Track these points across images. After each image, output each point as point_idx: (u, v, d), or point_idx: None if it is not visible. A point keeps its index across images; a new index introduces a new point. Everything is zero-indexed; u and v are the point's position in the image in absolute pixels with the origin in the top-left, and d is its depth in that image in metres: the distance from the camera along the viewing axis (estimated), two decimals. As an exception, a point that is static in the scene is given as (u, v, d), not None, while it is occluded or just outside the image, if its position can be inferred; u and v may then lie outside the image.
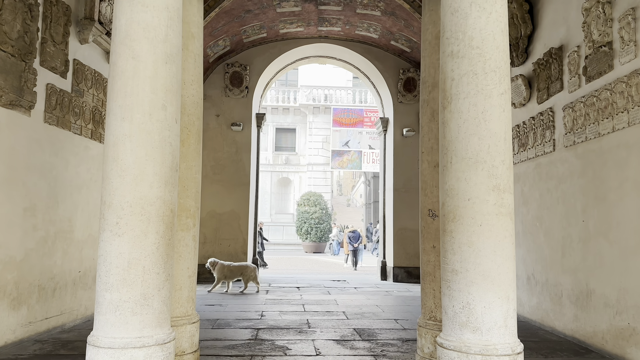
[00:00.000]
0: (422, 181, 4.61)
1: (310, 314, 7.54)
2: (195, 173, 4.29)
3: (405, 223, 12.50)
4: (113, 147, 3.48)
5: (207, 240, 12.17)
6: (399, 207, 12.54)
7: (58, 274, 6.41)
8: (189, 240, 4.21)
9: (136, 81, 3.49)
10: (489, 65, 3.51)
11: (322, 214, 29.13)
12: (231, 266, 9.83)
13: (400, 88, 12.71)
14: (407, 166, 12.64)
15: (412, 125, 12.68)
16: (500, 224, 3.41)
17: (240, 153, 12.44)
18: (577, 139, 6.15)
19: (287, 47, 12.69)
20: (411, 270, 12.37)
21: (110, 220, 3.41)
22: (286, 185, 32.98)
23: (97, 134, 7.36)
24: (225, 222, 12.23)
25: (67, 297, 6.61)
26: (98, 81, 7.41)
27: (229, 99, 12.53)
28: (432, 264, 4.42)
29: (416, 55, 12.33)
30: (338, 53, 13.14)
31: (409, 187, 12.57)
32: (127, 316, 3.32)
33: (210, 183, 12.29)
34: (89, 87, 7.17)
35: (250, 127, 12.53)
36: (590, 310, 5.78)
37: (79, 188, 6.90)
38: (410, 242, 12.44)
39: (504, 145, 3.49)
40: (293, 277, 13.03)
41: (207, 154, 12.31)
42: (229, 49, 12.19)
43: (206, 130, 12.35)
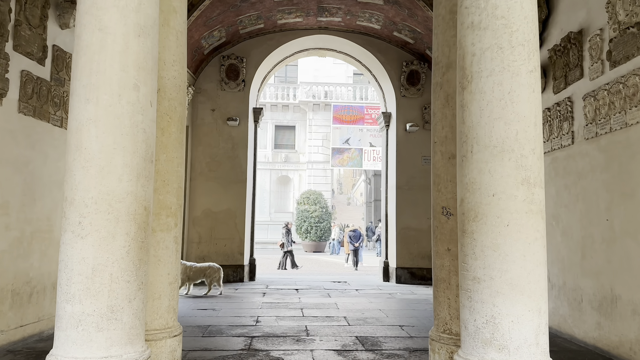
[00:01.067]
0: (434, 175, 4.10)
1: (309, 320, 7.03)
2: (178, 166, 3.78)
3: (409, 222, 11.99)
4: (76, 133, 2.97)
5: (202, 240, 11.67)
6: (402, 206, 12.03)
7: (35, 278, 5.90)
8: (170, 242, 3.70)
9: (103, 56, 2.99)
10: (516, 38, 3.00)
11: (322, 213, 28.61)
12: (194, 267, 9.31)
13: (403, 81, 12.19)
14: (410, 163, 12.13)
15: (416, 120, 12.16)
16: (531, 223, 2.91)
17: (237, 149, 11.93)
18: (600, 130, 5.64)
19: (286, 39, 12.17)
20: (415, 271, 11.87)
21: (72, 220, 2.90)
22: (285, 183, 32.47)
23: (80, 126, 6.84)
24: (221, 221, 11.73)
25: (46, 303, 6.10)
26: (81, 70, 6.89)
27: (224, 93, 12.01)
28: (446, 269, 3.91)
29: (420, 47, 11.81)
30: (338, 45, 12.61)
31: (412, 185, 12.06)
32: (91, 332, 2.82)
33: (205, 180, 11.79)
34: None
35: (247, 122, 12.02)
36: (616, 318, 5.27)
37: (60, 184, 6.38)
38: (414, 241, 11.94)
39: (534, 131, 2.98)
40: (291, 278, 12.53)
41: (202, 150, 11.83)
42: (224, 40, 11.67)
43: (201, 125, 11.87)
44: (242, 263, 11.68)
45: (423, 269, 11.87)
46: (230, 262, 11.64)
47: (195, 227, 11.68)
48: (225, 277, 11.53)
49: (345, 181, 69.35)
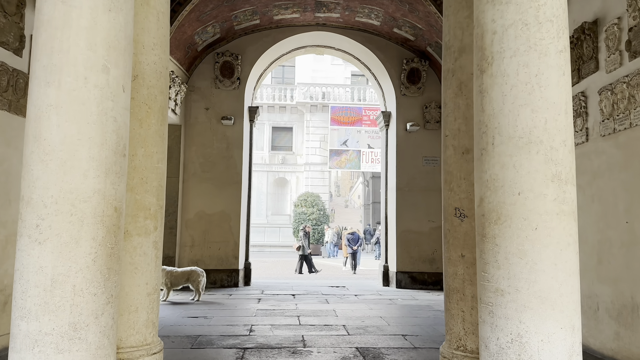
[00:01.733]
0: (445, 172, 3.70)
1: (306, 329, 6.61)
2: (158, 162, 3.36)
3: (409, 225, 11.59)
4: (34, 122, 2.57)
5: (195, 243, 11.24)
6: (402, 208, 11.63)
7: (10, 285, 5.46)
8: (149, 247, 3.28)
9: (67, 33, 2.58)
10: (544, 13, 2.61)
11: (319, 215, 28.20)
12: (175, 272, 8.88)
13: (404, 80, 11.81)
14: (411, 163, 11.74)
15: (417, 119, 11.78)
16: (562, 226, 2.51)
17: (232, 149, 11.51)
18: (618, 126, 5.25)
19: (282, 36, 11.78)
20: (415, 275, 11.46)
21: (29, 222, 2.49)
22: (282, 185, 32.05)
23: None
24: (215, 223, 11.30)
25: (23, 312, 5.67)
26: (63, 63, 6.47)
27: (219, 91, 11.60)
28: (460, 277, 3.50)
29: (421, 44, 11.43)
30: (337, 42, 12.23)
31: (413, 186, 11.67)
32: (50, 355, 2.41)
33: (198, 181, 11.37)
34: (52, 69, 6.24)
35: (242, 121, 11.61)
36: (637, 328, 4.88)
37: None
38: (415, 245, 11.54)
39: (564, 120, 2.58)
40: (288, 283, 12.10)
41: (195, 150, 11.41)
42: (219, 36, 11.27)
43: (194, 124, 11.45)
44: (237, 267, 11.25)
45: (424, 273, 11.47)
46: (224, 266, 11.21)
47: (188, 229, 11.25)
48: (219, 282, 11.12)
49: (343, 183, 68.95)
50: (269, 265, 19.92)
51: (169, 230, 10.96)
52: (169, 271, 8.90)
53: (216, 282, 11.12)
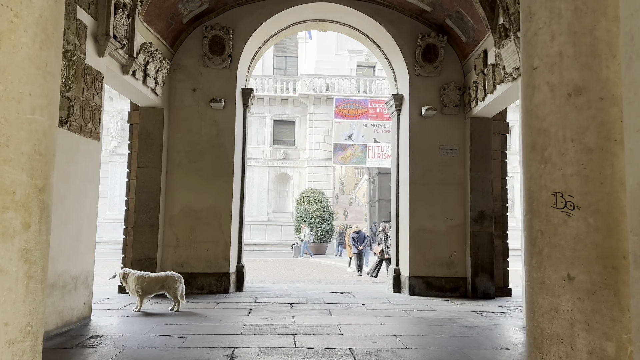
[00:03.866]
0: (533, 132, 2.27)
1: (303, 354, 5.21)
2: (33, 112, 1.92)
3: (424, 223, 10.16)
4: None
5: (179, 243, 9.86)
6: (417, 204, 10.21)
7: None
8: (9, 260, 1.86)
9: None
10: None
11: (323, 213, 26.78)
12: (147, 277, 7.50)
13: (418, 58, 10.36)
14: (426, 153, 10.30)
15: (433, 103, 10.34)
16: None
17: (222, 136, 10.11)
18: None
19: (280, 7, 10.36)
20: (431, 280, 10.04)
21: None
22: (285, 181, 30.64)
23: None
24: (202, 220, 9.92)
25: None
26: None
27: (208, 70, 10.20)
28: (565, 316, 2.04)
29: (439, 16, 9.98)
30: (342, 15, 10.79)
31: (429, 179, 10.24)
32: None
33: (184, 173, 9.99)
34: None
35: (235, 104, 10.20)
36: None
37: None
38: (430, 246, 10.12)
39: None
40: (286, 289, 10.70)
41: (181, 137, 10.03)
42: (207, 7, 9.86)
43: (180, 108, 10.07)
44: (228, 270, 9.86)
45: (441, 278, 10.05)
46: (213, 269, 9.83)
47: (171, 227, 9.87)
48: (207, 288, 9.74)
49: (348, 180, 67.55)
50: (269, 266, 18.53)
51: (150, 228, 9.60)
52: (140, 276, 7.52)
53: (204, 288, 9.74)
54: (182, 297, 7.68)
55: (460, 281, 10.08)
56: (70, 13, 6.24)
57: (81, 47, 6.55)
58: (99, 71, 7.07)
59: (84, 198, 6.85)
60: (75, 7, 6.38)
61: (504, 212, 10.54)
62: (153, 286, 7.54)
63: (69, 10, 6.22)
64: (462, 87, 10.36)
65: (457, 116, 10.39)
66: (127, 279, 7.66)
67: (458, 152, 10.35)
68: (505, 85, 8.25)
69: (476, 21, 9.03)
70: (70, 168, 6.45)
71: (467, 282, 10.03)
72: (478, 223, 10.03)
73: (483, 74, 9.23)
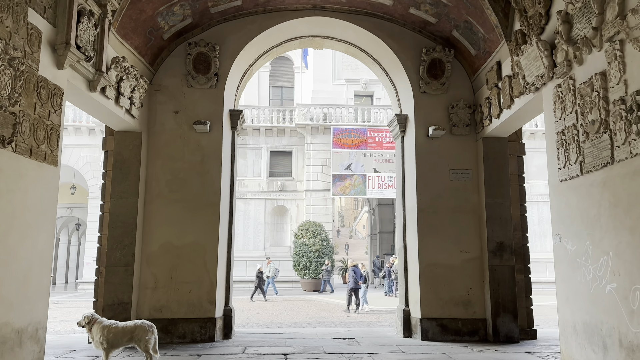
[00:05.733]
0: None
1: None
2: None
3: (436, 256, 9.00)
4: None
5: (158, 284, 8.66)
6: (427, 235, 9.07)
7: None
8: None
9: None
10: None
11: (322, 247, 25.50)
12: (114, 327, 6.27)
13: (423, 74, 9.44)
14: (435, 178, 9.25)
15: (441, 122, 9.36)
16: None
17: (208, 162, 9.07)
18: None
19: (271, 22, 9.52)
20: (446, 323, 8.80)
21: None
22: (282, 214, 29.47)
23: None
24: (185, 257, 8.76)
25: None
26: None
27: (192, 91, 9.25)
28: None
29: (445, 27, 9.12)
30: (339, 31, 9.94)
31: (439, 207, 9.15)
32: None
33: (164, 204, 8.89)
34: None
35: (222, 127, 9.19)
36: None
37: None
38: (444, 282, 8.93)
39: None
40: (281, 335, 9.41)
41: (161, 164, 8.99)
42: (190, 21, 8.99)
43: (160, 132, 9.08)
44: (213, 315, 8.62)
45: (457, 319, 8.82)
46: (197, 314, 8.60)
47: (149, 266, 8.69)
48: (189, 336, 8.50)
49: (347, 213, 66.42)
50: (266, 305, 17.19)
51: (124, 267, 8.42)
52: (107, 326, 6.29)
53: (186, 336, 8.48)
54: (154, 350, 6.43)
55: (479, 323, 8.84)
56: (18, 15, 5.29)
57: (33, 55, 5.56)
58: (58, 85, 6.07)
59: (34, 234, 5.72)
60: (26, 9, 5.43)
61: (524, 242, 9.40)
62: (120, 338, 6.30)
63: (17, 12, 5.27)
64: (472, 105, 9.41)
65: (468, 136, 9.39)
66: (92, 327, 6.43)
67: (471, 177, 9.29)
68: (525, 97, 7.27)
69: (487, 30, 8.14)
70: (15, 197, 5.36)
71: (487, 324, 8.78)
72: (497, 256, 8.87)
73: (497, 88, 8.28)
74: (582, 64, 5.71)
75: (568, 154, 6.04)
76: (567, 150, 6.05)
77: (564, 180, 6.17)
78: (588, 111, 5.54)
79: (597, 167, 5.41)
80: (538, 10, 6.59)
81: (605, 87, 5.27)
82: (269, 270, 22.19)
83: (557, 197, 6.40)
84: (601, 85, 5.29)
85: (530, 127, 27.64)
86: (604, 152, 5.28)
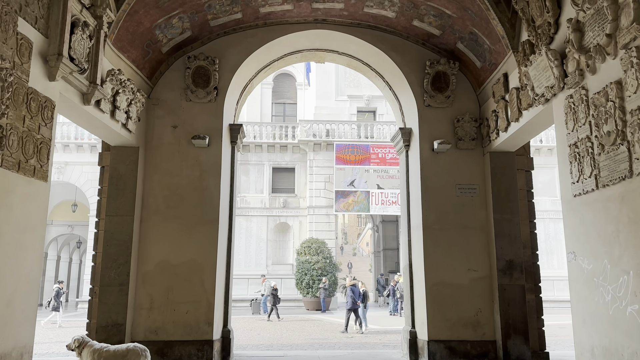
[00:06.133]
0: None
1: None
2: None
3: (443, 275, 8.65)
4: None
5: (154, 304, 8.33)
6: (433, 252, 8.74)
7: None
8: None
9: None
10: None
11: (325, 264, 25.06)
12: (105, 351, 5.93)
13: (427, 87, 9.22)
14: (441, 193, 8.95)
15: (446, 136, 9.10)
16: None
17: (206, 178, 8.81)
18: None
19: (272, 35, 9.35)
20: (454, 345, 8.41)
21: None
22: (284, 231, 29.10)
23: None
24: (182, 277, 8.44)
25: None
26: None
27: (190, 105, 9.04)
28: None
29: (449, 40, 8.91)
30: (340, 44, 9.77)
31: (445, 224, 8.83)
32: None
33: (161, 221, 8.61)
34: None
35: (221, 142, 8.96)
36: None
37: None
38: (451, 302, 8.57)
39: None
40: (282, 358, 9.02)
41: (158, 179, 8.73)
42: (189, 34, 8.83)
43: (158, 147, 8.83)
44: (211, 337, 8.26)
45: (466, 342, 8.43)
46: (193, 336, 8.25)
47: (145, 286, 8.38)
48: (186, 359, 8.11)
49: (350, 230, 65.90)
50: (267, 326, 16.74)
51: (119, 287, 8.11)
52: (98, 350, 5.97)
53: (182, 359, 8.11)
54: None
55: (489, 345, 8.45)
56: (7, 24, 5.09)
57: (22, 66, 5.35)
58: (49, 98, 5.85)
59: (20, 252, 5.44)
60: (16, 19, 5.23)
61: (534, 260, 9.04)
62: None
63: (6, 21, 5.07)
64: (478, 119, 9.16)
65: (475, 151, 9.11)
66: (82, 351, 6.10)
67: (478, 192, 8.99)
68: (534, 109, 7.01)
69: (493, 41, 7.93)
70: (0, 214, 5.09)
71: (497, 346, 8.39)
72: (507, 274, 8.52)
73: (504, 101, 8.03)
74: (596, 73, 5.45)
75: (582, 167, 5.74)
76: (581, 164, 5.76)
77: (578, 195, 5.87)
78: (603, 122, 5.27)
79: (614, 181, 5.11)
80: (547, 20, 6.37)
81: (621, 97, 5.01)
82: (263, 289, 21.46)
83: (571, 213, 6.08)
84: (617, 94, 5.03)
85: (535, 142, 27.35)
86: (621, 164, 4.99)
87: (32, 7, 5.50)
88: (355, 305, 14.93)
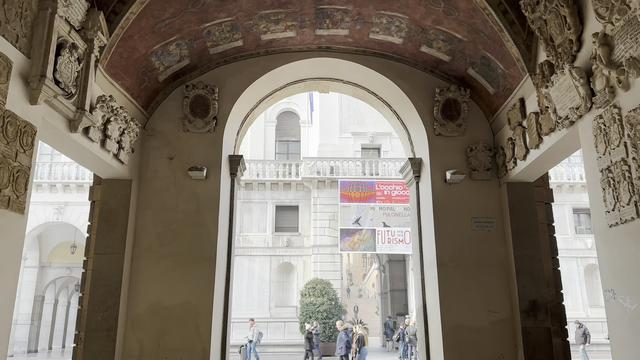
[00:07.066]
0: None
1: None
2: None
3: (460, 317, 7.89)
4: None
5: (144, 352, 7.57)
6: (449, 292, 8.01)
7: None
8: None
9: None
10: None
11: (330, 306, 24.03)
12: None
13: (438, 115, 8.75)
14: (456, 227, 8.31)
15: (459, 166, 8.54)
16: None
17: (203, 212, 8.22)
18: None
19: (273, 64, 8.98)
20: (476, 397, 7.55)
21: None
22: (288, 271, 28.17)
23: None
24: (175, 321, 7.72)
25: None
26: None
27: (188, 135, 8.57)
28: None
29: (459, 66, 8.51)
30: (345, 73, 9.39)
31: (462, 260, 8.15)
32: None
33: (154, 259, 7.97)
34: None
35: (220, 174, 8.43)
36: None
37: None
38: (471, 348, 7.77)
39: None
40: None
41: (152, 215, 8.14)
42: (187, 63, 8.46)
43: (153, 179, 8.30)
44: (206, 389, 7.46)
45: (489, 393, 7.55)
46: (186, 388, 7.43)
47: (135, 331, 7.64)
48: (177, 414, 7.27)
49: (356, 270, 64.41)
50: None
51: (106, 333, 7.38)
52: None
53: (173, 414, 7.28)
54: None
55: (515, 397, 7.59)
56: (-17, 40, 4.67)
57: (-1, 86, 4.89)
58: (30, 122, 5.36)
59: (-12, 294, 4.81)
60: (-6, 35, 4.82)
61: (559, 300, 8.27)
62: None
63: (-18, 37, 4.66)
64: (492, 148, 8.63)
65: (490, 182, 8.54)
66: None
67: (495, 226, 8.35)
68: (557, 133, 6.48)
69: (508, 65, 7.49)
70: (-35, 250, 4.50)
71: (524, 397, 7.53)
72: (531, 316, 7.75)
73: (522, 127, 7.52)
74: (630, 89, 4.94)
75: (618, 193, 5.14)
76: (617, 190, 5.16)
77: (615, 225, 5.24)
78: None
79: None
80: (568, 37, 5.93)
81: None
82: (251, 334, 19.44)
83: (607, 246, 5.43)
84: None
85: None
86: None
87: (14, 24, 5.10)
88: (348, 351, 13.89)
